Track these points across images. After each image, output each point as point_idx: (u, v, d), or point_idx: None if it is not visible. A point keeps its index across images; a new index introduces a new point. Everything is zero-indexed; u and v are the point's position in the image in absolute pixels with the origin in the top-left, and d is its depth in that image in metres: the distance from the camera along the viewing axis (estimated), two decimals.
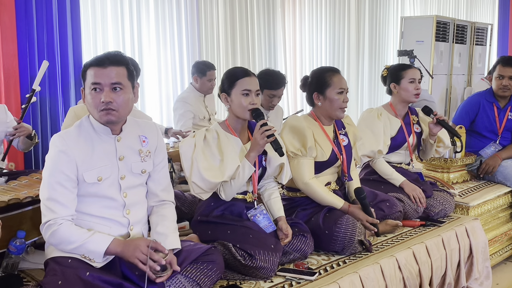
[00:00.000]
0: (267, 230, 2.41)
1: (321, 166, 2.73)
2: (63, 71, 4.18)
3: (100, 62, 1.94)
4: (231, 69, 2.51)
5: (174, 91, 5.20)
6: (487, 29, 8.40)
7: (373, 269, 2.39)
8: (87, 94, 1.97)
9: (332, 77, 2.69)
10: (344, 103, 2.70)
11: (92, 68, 1.94)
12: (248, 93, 2.36)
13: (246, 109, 2.37)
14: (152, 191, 2.17)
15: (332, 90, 2.68)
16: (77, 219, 1.96)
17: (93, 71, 1.94)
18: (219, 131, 2.41)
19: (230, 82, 2.39)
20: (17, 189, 2.51)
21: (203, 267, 2.04)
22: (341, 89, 2.68)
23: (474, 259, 3.00)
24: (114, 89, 1.94)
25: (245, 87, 2.36)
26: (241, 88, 2.36)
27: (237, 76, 2.39)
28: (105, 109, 1.93)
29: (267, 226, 2.42)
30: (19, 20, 3.88)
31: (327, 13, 6.85)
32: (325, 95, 2.70)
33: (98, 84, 1.93)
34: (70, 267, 1.88)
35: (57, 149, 1.93)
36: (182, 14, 5.20)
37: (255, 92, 2.38)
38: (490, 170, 3.79)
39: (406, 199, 3.04)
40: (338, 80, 2.70)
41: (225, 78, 2.43)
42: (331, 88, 2.68)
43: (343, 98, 2.69)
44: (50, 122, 4.12)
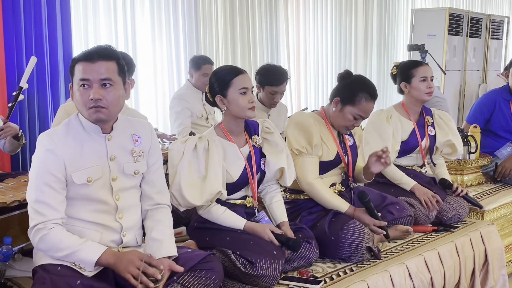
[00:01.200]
0: None
1: (326, 166, 2.74)
2: (52, 67, 4.18)
3: (89, 57, 1.94)
4: (219, 69, 2.48)
5: (170, 89, 5.21)
6: (504, 22, 8.40)
7: (382, 278, 2.39)
8: (75, 90, 1.97)
9: (361, 101, 2.67)
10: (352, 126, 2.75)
11: (80, 63, 1.94)
12: (246, 91, 2.37)
13: (246, 108, 2.37)
14: (147, 194, 2.16)
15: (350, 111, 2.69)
16: (66, 224, 1.96)
17: (82, 66, 1.93)
18: (211, 139, 2.40)
19: (224, 83, 2.38)
20: (3, 192, 2.51)
21: (201, 276, 2.03)
22: (359, 115, 2.70)
23: (490, 267, 2.99)
24: (104, 85, 1.94)
25: (242, 85, 2.37)
26: (238, 87, 2.36)
27: (231, 75, 2.38)
28: (94, 107, 1.93)
29: None
30: (5, 12, 3.89)
31: (333, 5, 6.86)
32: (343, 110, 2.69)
33: (86, 80, 1.92)
34: (60, 275, 1.87)
35: (44, 148, 1.93)
36: (178, 6, 5.21)
37: (251, 90, 2.40)
38: (507, 173, 3.78)
39: (417, 204, 3.04)
40: (366, 106, 2.69)
41: (216, 80, 2.41)
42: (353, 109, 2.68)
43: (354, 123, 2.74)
44: (39, 122, 4.12)
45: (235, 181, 2.42)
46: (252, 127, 2.52)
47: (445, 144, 3.29)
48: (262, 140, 2.54)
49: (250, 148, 2.49)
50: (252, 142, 2.50)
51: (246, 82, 2.38)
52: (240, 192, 2.49)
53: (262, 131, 2.55)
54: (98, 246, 1.93)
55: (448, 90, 7.28)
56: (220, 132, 2.46)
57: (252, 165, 2.46)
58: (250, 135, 2.51)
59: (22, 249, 2.39)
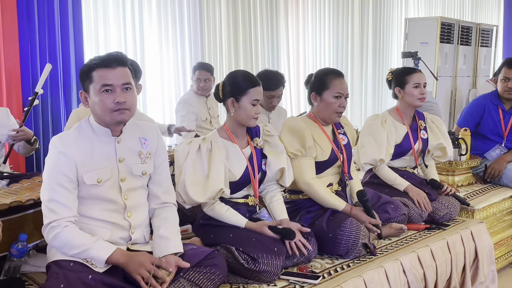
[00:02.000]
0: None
1: (322, 165, 2.74)
2: (65, 74, 4.20)
3: (108, 63, 1.95)
4: (239, 74, 2.48)
5: (176, 93, 5.21)
6: (492, 31, 8.39)
7: (377, 273, 2.39)
8: (94, 96, 1.96)
9: (332, 80, 2.71)
10: (340, 107, 2.71)
11: (100, 70, 1.94)
12: (256, 103, 2.40)
13: (251, 117, 2.40)
14: (154, 194, 2.17)
15: (330, 93, 2.70)
16: (78, 222, 1.97)
17: (102, 72, 1.94)
18: (214, 140, 2.41)
19: (241, 89, 2.39)
20: (19, 192, 2.51)
21: (206, 271, 2.03)
22: (338, 93, 2.69)
23: (480, 263, 2.99)
24: (125, 89, 1.97)
25: (256, 97, 2.39)
26: (252, 97, 2.38)
27: (249, 84, 2.40)
28: (119, 109, 1.95)
29: None
30: (21, 21, 3.90)
31: (331, 14, 6.86)
32: (322, 96, 2.71)
33: (109, 85, 1.94)
34: (72, 270, 1.88)
35: (56, 151, 1.94)
36: (184, 15, 5.22)
37: (259, 102, 2.42)
38: (496, 174, 3.78)
39: (410, 203, 3.04)
40: (339, 84, 2.70)
41: (234, 83, 2.41)
42: (329, 91, 2.70)
43: (340, 103, 2.70)
44: (52, 125, 4.13)
45: (237, 180, 2.43)
46: (253, 129, 2.53)
47: (437, 147, 3.30)
48: (263, 142, 2.54)
49: (252, 149, 2.49)
50: (253, 143, 2.51)
51: (259, 94, 2.41)
52: (243, 191, 2.49)
53: (263, 134, 2.56)
54: (108, 245, 1.94)
55: (440, 95, 7.27)
56: (224, 133, 2.47)
57: (254, 165, 2.46)
58: (252, 137, 2.52)
59: (36, 245, 2.39)
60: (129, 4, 4.81)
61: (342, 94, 2.70)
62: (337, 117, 2.74)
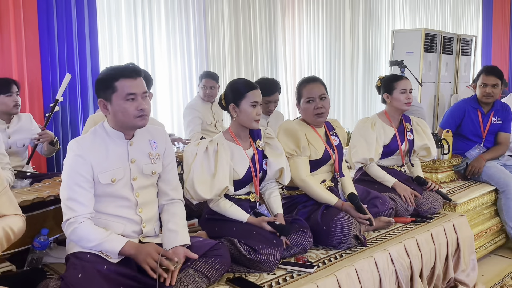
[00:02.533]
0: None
1: (316, 164, 2.74)
2: (82, 83, 4.20)
3: (130, 74, 1.96)
4: (237, 81, 2.48)
5: (184, 100, 5.21)
6: (472, 41, 8.39)
7: (367, 262, 2.39)
8: (118, 104, 1.95)
9: (302, 88, 2.74)
10: (315, 109, 2.71)
11: (124, 80, 1.95)
12: (256, 104, 2.39)
13: (253, 119, 2.39)
14: (163, 191, 2.18)
15: (304, 100, 2.73)
16: (95, 218, 1.97)
17: (126, 82, 1.95)
18: (220, 142, 2.41)
19: (240, 94, 2.38)
20: (40, 190, 2.53)
21: (211, 261, 2.04)
22: (309, 98, 2.71)
23: (461, 253, 2.99)
24: (145, 97, 1.99)
25: (254, 99, 2.38)
26: (250, 100, 2.37)
27: (247, 88, 2.39)
28: (142, 115, 1.98)
29: None
30: (42, 36, 3.92)
31: (324, 26, 6.87)
32: (300, 105, 2.76)
33: (133, 94, 1.95)
34: (89, 261, 1.88)
35: (73, 153, 1.94)
36: (190, 28, 5.23)
37: (260, 103, 2.41)
38: (476, 171, 3.78)
39: (398, 198, 3.04)
40: (308, 89, 2.72)
41: (233, 90, 2.42)
42: (303, 99, 2.73)
43: (314, 106, 2.70)
44: (71, 129, 4.14)
45: (241, 178, 2.43)
46: (255, 132, 2.54)
47: (422, 147, 3.30)
48: (264, 144, 2.55)
49: (254, 151, 2.50)
50: (255, 145, 2.51)
51: (257, 96, 2.40)
52: (245, 189, 2.49)
53: (264, 136, 2.56)
54: (120, 238, 1.94)
55: (424, 100, 7.27)
56: (229, 136, 2.47)
57: (256, 165, 2.47)
58: (254, 140, 2.52)
59: (57, 239, 2.40)
60: (140, 19, 4.82)
61: (313, 97, 2.70)
62: (318, 118, 2.73)
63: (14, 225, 1.78)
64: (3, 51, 3.69)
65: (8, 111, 3.18)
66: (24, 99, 3.79)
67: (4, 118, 3.21)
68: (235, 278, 2.16)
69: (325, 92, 2.72)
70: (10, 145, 3.17)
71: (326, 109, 2.72)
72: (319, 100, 2.70)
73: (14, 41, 3.75)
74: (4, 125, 3.19)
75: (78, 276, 1.82)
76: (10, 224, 1.75)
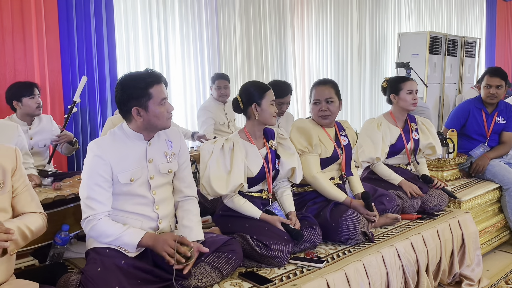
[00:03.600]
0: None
1: (325, 162, 2.74)
2: (100, 85, 4.22)
3: (158, 80, 1.99)
4: (254, 83, 2.52)
5: (197, 101, 5.22)
6: (476, 43, 8.31)
7: (375, 258, 2.38)
8: (155, 108, 1.97)
9: (312, 90, 2.78)
10: (320, 111, 2.73)
11: (156, 86, 1.97)
12: (274, 102, 2.44)
13: (272, 115, 2.43)
14: (178, 188, 2.19)
15: (312, 101, 2.77)
16: (113, 215, 1.98)
17: (159, 88, 1.98)
18: (235, 141, 2.42)
19: (261, 93, 2.42)
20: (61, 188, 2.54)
21: (224, 256, 2.04)
22: (315, 100, 2.74)
23: (466, 248, 2.96)
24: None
25: (272, 98, 2.44)
26: (270, 99, 2.43)
27: (265, 89, 2.44)
28: (170, 117, 2.03)
29: None
30: (62, 41, 3.94)
31: (332, 29, 6.84)
32: (311, 106, 2.79)
33: (165, 98, 2.00)
34: (108, 256, 1.90)
35: (93, 154, 1.95)
36: (203, 33, 5.23)
37: (275, 102, 2.45)
38: (480, 170, 3.75)
39: (404, 196, 3.02)
40: (315, 91, 2.75)
41: (253, 91, 2.44)
42: (311, 100, 2.77)
43: (319, 108, 2.72)
44: (90, 130, 4.16)
45: (254, 176, 2.43)
46: (269, 133, 2.54)
47: (427, 146, 3.27)
48: (277, 144, 2.55)
49: (267, 150, 2.50)
50: (269, 145, 2.51)
51: (273, 96, 2.46)
52: (258, 186, 2.50)
53: (277, 137, 2.56)
54: (138, 231, 1.95)
55: (430, 100, 7.21)
56: (244, 135, 2.48)
57: (269, 163, 2.47)
58: (267, 140, 2.53)
59: (77, 235, 2.42)
60: (155, 24, 4.83)
61: (319, 100, 2.71)
62: (322, 120, 2.75)
63: (32, 224, 1.78)
64: (26, 55, 3.73)
65: (31, 112, 3.22)
66: (45, 101, 3.82)
67: (27, 120, 3.24)
68: (247, 273, 2.16)
69: (333, 96, 2.72)
70: (32, 145, 3.20)
71: (332, 112, 2.72)
72: (324, 103, 2.71)
73: (36, 45, 3.78)
74: (26, 127, 3.22)
75: (98, 270, 1.83)
76: (28, 223, 1.76)
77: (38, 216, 1.86)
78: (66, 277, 1.91)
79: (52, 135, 3.34)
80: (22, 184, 1.83)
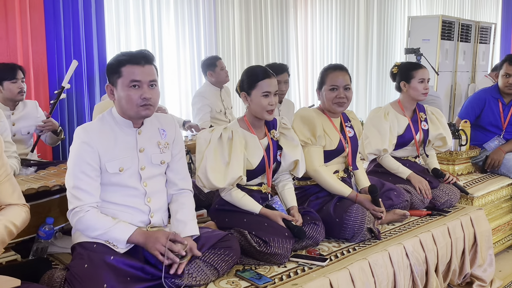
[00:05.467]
0: None
1: (330, 154, 2.73)
2: (88, 69, 4.19)
3: (137, 61, 1.94)
4: (252, 68, 2.46)
5: (192, 87, 5.20)
6: (491, 28, 8.28)
7: (381, 256, 2.37)
8: (122, 90, 1.94)
9: (328, 75, 2.70)
10: (337, 98, 2.67)
11: (129, 66, 1.93)
12: (268, 94, 2.35)
13: (265, 109, 2.36)
14: (171, 180, 2.16)
15: (327, 87, 2.69)
16: (102, 207, 1.97)
17: (131, 69, 1.93)
18: (235, 130, 2.39)
19: (251, 83, 2.36)
20: (46, 178, 2.53)
21: (220, 253, 2.03)
22: (333, 86, 2.67)
23: (478, 247, 2.96)
24: (151, 86, 1.96)
25: (265, 89, 2.35)
26: (261, 90, 2.35)
27: (258, 77, 2.36)
28: (145, 105, 1.95)
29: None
30: (47, 20, 3.90)
31: (337, 13, 6.80)
32: (321, 91, 2.71)
33: (138, 81, 1.93)
34: (96, 251, 1.88)
35: (80, 141, 1.93)
36: (200, 14, 5.19)
37: (274, 93, 2.37)
38: (496, 164, 3.74)
39: (413, 190, 3.01)
40: (334, 77, 2.68)
41: (246, 78, 2.40)
42: (326, 86, 2.69)
43: (337, 94, 2.67)
44: (77, 117, 4.14)
45: (254, 169, 2.41)
46: (271, 122, 2.51)
47: (437, 137, 3.26)
48: (280, 135, 2.52)
49: (269, 141, 2.48)
50: (270, 135, 2.49)
51: (270, 86, 2.36)
52: (257, 179, 2.48)
53: (279, 126, 2.54)
54: (129, 226, 1.94)
55: (441, 89, 7.20)
56: (244, 124, 2.45)
57: (270, 155, 2.45)
58: (269, 129, 2.50)
59: (62, 228, 2.41)
60: (148, 3, 4.79)
61: (337, 86, 2.66)
62: (338, 107, 2.70)
63: (16, 219, 1.78)
64: (8, 35, 3.69)
65: (12, 97, 3.18)
66: (29, 85, 3.79)
67: (9, 104, 3.21)
68: (245, 271, 2.15)
69: (349, 83, 2.70)
70: (14, 132, 3.17)
71: (348, 100, 2.70)
72: (342, 90, 2.67)
73: (19, 24, 3.73)
74: (9, 112, 3.19)
75: (84, 266, 1.82)
76: (12, 219, 1.76)
77: (20, 209, 1.85)
78: (50, 273, 1.90)
79: (37, 122, 3.32)
80: (3, 174, 1.81)
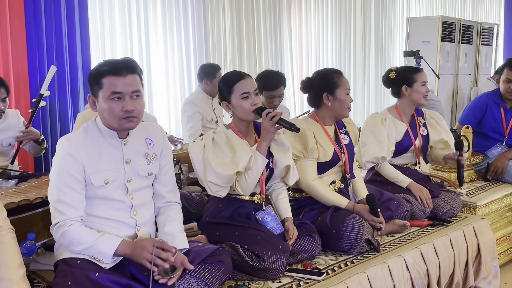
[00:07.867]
0: (275, 231, 2.38)
1: (324, 166, 2.73)
2: (72, 76, 4.20)
3: (118, 71, 1.92)
4: (224, 75, 2.48)
5: (182, 94, 5.22)
6: (493, 29, 8.36)
7: (381, 269, 2.38)
8: (103, 102, 1.94)
9: (340, 78, 2.74)
10: (350, 103, 2.75)
11: (110, 77, 1.92)
12: (247, 95, 2.34)
13: (250, 111, 2.35)
14: (159, 193, 2.17)
15: (342, 91, 2.71)
16: (86, 221, 1.97)
17: (112, 80, 1.92)
18: (226, 132, 2.40)
19: (227, 89, 2.37)
20: (27, 191, 2.52)
21: (211, 268, 2.03)
22: (348, 89, 2.73)
23: (482, 259, 2.97)
24: (135, 96, 1.95)
25: (242, 90, 2.34)
26: (239, 93, 2.34)
27: (232, 81, 2.36)
28: (127, 117, 1.94)
29: (275, 228, 2.39)
30: (28, 24, 3.91)
31: (333, 14, 6.85)
32: (335, 95, 2.71)
33: (119, 93, 1.92)
34: (80, 268, 1.88)
35: (63, 152, 1.93)
36: (189, 18, 5.22)
37: (253, 93, 2.36)
38: (499, 172, 3.76)
39: (413, 200, 3.02)
40: (345, 81, 2.75)
41: (222, 86, 2.40)
42: (341, 89, 2.71)
43: (350, 99, 2.74)
44: (60, 126, 4.14)
45: None
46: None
47: (438, 142, 3.28)
48: None
49: None
50: None
51: (247, 86, 2.35)
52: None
53: None
54: (115, 238, 1.94)
55: (442, 93, 7.25)
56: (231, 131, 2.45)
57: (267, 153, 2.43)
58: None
59: (44, 244, 2.40)
60: (134, 7, 4.82)
61: (349, 90, 2.76)
62: (348, 112, 2.78)
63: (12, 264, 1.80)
64: None
65: None
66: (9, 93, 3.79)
67: None
68: (237, 286, 2.15)
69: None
70: None
71: None
72: (349, 95, 2.76)
73: None
74: None
75: (68, 284, 1.82)
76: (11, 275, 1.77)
77: (9, 242, 1.84)
78: None
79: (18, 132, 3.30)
80: None
